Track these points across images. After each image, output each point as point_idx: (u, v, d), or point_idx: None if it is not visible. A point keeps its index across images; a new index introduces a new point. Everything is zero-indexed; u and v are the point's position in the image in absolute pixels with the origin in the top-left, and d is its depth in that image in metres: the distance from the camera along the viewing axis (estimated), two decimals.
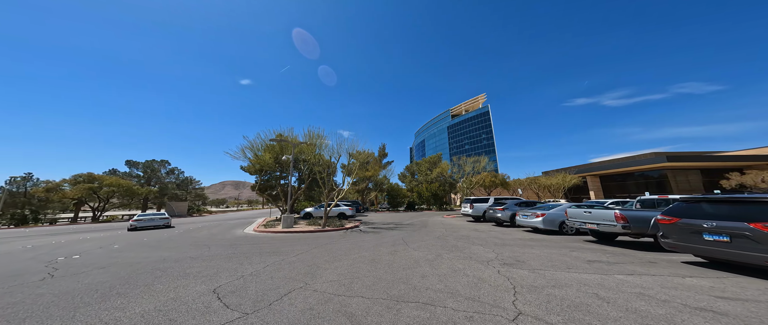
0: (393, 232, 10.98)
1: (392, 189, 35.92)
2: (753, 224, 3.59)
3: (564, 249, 6.18)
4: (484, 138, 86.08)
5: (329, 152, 14.39)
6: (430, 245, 7.46)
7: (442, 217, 19.84)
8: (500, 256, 5.59)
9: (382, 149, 39.18)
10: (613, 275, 3.85)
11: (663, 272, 4.02)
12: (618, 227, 6.24)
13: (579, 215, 7.47)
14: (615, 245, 6.81)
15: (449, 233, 10.02)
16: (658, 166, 28.74)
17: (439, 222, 15.30)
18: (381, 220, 18.41)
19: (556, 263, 4.74)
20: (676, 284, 3.43)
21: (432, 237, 9.17)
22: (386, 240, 8.59)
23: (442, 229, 11.67)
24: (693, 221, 4.31)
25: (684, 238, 4.41)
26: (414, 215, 22.94)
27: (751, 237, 3.58)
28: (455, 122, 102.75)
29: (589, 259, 5.01)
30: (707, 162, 28.77)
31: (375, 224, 14.96)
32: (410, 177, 40.80)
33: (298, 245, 7.72)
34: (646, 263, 4.73)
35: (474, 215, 15.26)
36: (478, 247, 6.85)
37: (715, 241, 3.96)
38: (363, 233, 10.74)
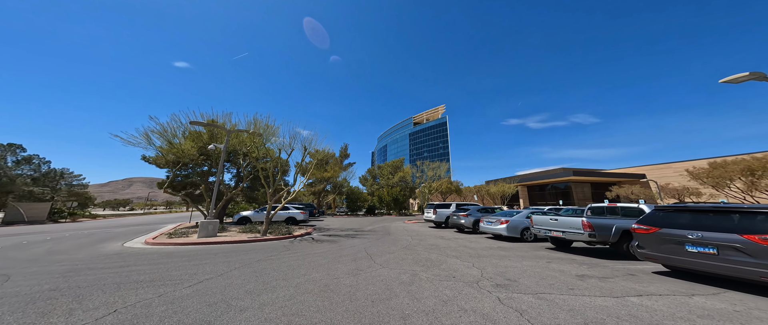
0: (353, 241, 9.24)
1: (352, 192, 33.81)
2: (746, 235, 3.41)
3: (539, 260, 5.69)
4: (441, 147, 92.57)
5: (280, 146, 11.67)
6: (400, 258, 6.08)
7: (403, 222, 19.02)
8: (485, 272, 4.61)
9: (344, 150, 36.81)
10: (625, 298, 3.17)
11: (662, 291, 3.58)
12: (585, 235, 6.15)
13: (545, 222, 7.35)
14: (575, 252, 6.77)
15: (416, 242, 8.91)
16: (566, 179, 35.22)
17: (402, 228, 14.27)
18: (339, 225, 16.31)
19: (552, 281, 3.97)
20: (698, 308, 2.89)
21: (399, 247, 7.84)
22: (346, 252, 6.84)
23: (408, 236, 10.55)
24: (675, 231, 4.11)
25: (663, 249, 4.20)
26: (375, 220, 21.55)
27: (743, 250, 3.39)
28: (417, 130, 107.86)
29: (576, 273, 4.46)
30: (595, 177, 36.76)
31: (332, 231, 12.86)
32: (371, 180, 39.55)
33: (212, 265, 5.26)
34: (628, 276, 4.41)
35: (436, 221, 14.81)
36: (455, 260, 5.83)
37: (700, 253, 3.76)
38: (316, 243, 8.65)
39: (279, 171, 11.06)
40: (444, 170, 32.52)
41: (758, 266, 3.20)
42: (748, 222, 3.57)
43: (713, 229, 3.79)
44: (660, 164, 35.05)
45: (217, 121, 12.40)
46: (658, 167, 34.98)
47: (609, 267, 4.95)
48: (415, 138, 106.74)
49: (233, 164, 15.36)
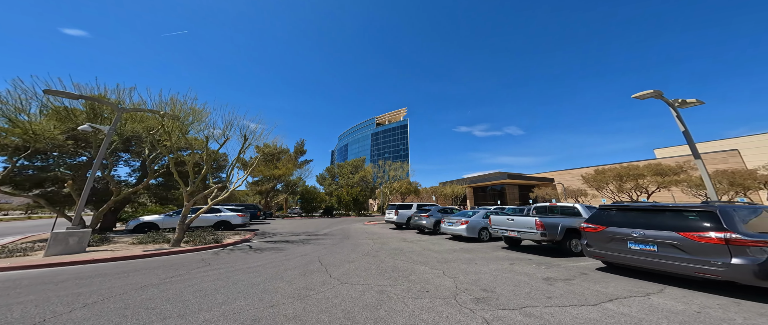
0: (305, 248, 7.77)
1: (308, 192, 30.89)
2: (683, 233, 3.69)
3: (502, 262, 5.61)
4: (401, 148, 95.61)
5: (209, 135, 9.07)
6: (363, 269, 5.11)
7: (363, 224, 18.04)
8: (459, 283, 4.10)
9: (300, 146, 33.41)
10: (602, 306, 3.04)
11: (622, 292, 3.66)
12: (537, 234, 6.45)
13: (502, 222, 7.56)
14: (526, 251, 7.08)
15: (379, 246, 8.08)
16: (501, 181, 40.75)
17: (363, 231, 13.29)
18: (290, 228, 14.17)
19: (528, 290, 3.70)
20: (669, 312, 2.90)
21: (360, 253, 6.85)
22: (293, 264, 5.46)
23: (369, 240, 9.63)
24: (620, 229, 4.33)
25: (609, 247, 4.41)
26: (333, 222, 19.89)
27: (679, 246, 3.66)
28: (379, 131, 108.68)
29: (541, 276, 4.39)
30: (522, 180, 43.88)
31: (279, 236, 10.87)
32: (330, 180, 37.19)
33: (36, 303, 3.15)
34: (582, 275, 4.56)
35: (398, 222, 14.39)
36: (423, 267, 5.22)
37: (641, 250, 4.02)
38: (253, 253, 6.85)
39: (205, 165, 8.52)
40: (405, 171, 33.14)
41: (693, 262, 3.48)
42: (683, 220, 3.82)
43: (653, 227, 3.99)
44: (563, 170, 44.05)
45: (106, 97, 8.83)
46: (562, 172, 43.88)
47: (562, 266, 5.12)
48: (377, 139, 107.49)
49: (135, 155, 11.43)
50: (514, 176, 41.48)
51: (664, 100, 7.39)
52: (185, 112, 8.97)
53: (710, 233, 3.42)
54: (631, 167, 25.72)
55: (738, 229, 3.29)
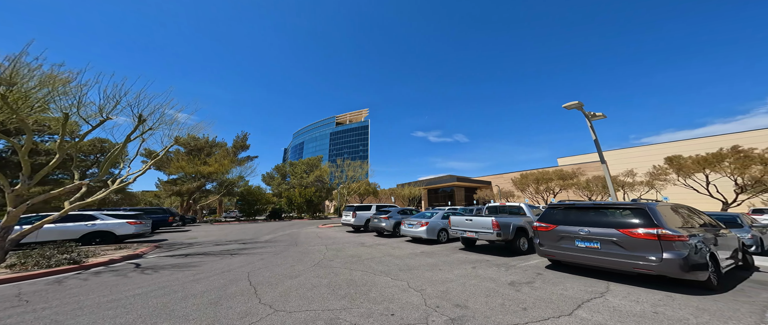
0: (231, 261, 5.93)
1: (250, 193, 26.45)
2: (622, 230, 3.83)
3: (464, 265, 5.32)
4: (361, 149, 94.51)
5: (73, 109, 6.11)
6: (310, 286, 3.94)
7: (317, 227, 16.18)
8: (427, 297, 3.44)
9: (242, 140, 28.35)
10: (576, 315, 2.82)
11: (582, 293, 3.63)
12: (493, 235, 6.50)
13: (461, 223, 7.49)
14: (481, 251, 7.13)
15: (333, 254, 6.89)
16: (451, 184, 44.93)
17: (315, 235, 11.68)
18: (218, 236, 11.30)
19: (500, 300, 3.32)
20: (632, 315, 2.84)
21: (309, 264, 5.56)
22: (201, 287, 3.89)
23: (322, 246, 8.28)
24: (569, 228, 4.39)
25: (559, 245, 4.50)
26: (279, 227, 17.21)
27: (619, 243, 3.79)
28: (339, 130, 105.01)
29: (506, 280, 4.16)
30: (468, 183, 49.18)
31: (196, 247, 8.32)
32: (279, 179, 33.09)
33: None
34: (538, 275, 4.54)
35: (356, 225, 13.31)
36: (385, 278, 4.41)
37: (587, 247, 4.14)
38: (137, 276, 4.73)
39: (58, 154, 5.65)
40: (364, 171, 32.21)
41: (631, 258, 3.69)
42: (622, 217, 3.98)
43: (596, 225, 4.10)
44: (498, 174, 51.49)
45: None
46: (497, 176, 51.03)
47: (518, 266, 5.10)
48: (337, 138, 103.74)
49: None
50: (461, 179, 45.92)
51: (583, 111, 8.83)
52: (32, 78, 5.72)
53: (644, 230, 3.69)
54: (544, 172, 31.76)
55: (665, 225, 3.67)
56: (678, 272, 3.37)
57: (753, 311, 2.74)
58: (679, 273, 3.37)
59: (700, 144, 27.06)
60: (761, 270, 4.64)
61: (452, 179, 44.38)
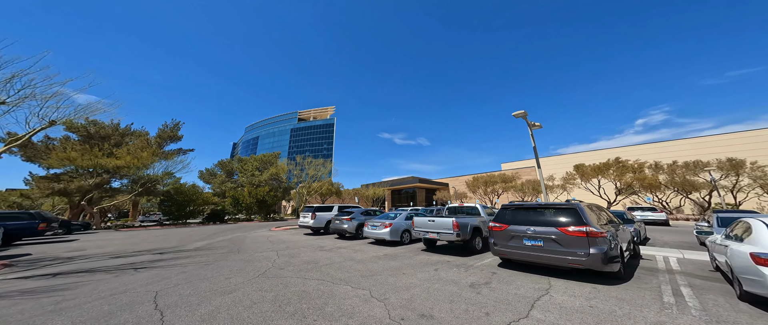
0: (129, 279, 4.54)
1: (180, 191, 21.87)
2: (560, 228, 4.16)
3: (427, 268, 5.25)
4: (325, 148, 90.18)
5: None
6: (248, 303, 3.19)
7: (269, 230, 14.34)
8: (392, 308, 3.13)
9: (171, 130, 22.94)
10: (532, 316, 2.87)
11: (531, 291, 3.84)
12: (453, 235, 6.68)
13: (424, 224, 7.51)
14: (441, 251, 7.27)
15: (286, 261, 5.99)
16: (413, 185, 47.00)
17: (265, 239, 10.22)
18: (118, 247, 8.76)
19: (464, 306, 3.24)
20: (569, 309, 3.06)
21: (251, 275, 4.63)
22: (60, 321, 2.58)
23: (272, 252, 7.19)
24: (518, 227, 4.64)
25: (510, 244, 4.76)
26: (219, 230, 14.61)
27: (557, 240, 4.17)
28: (302, 126, 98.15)
29: (466, 283, 4.18)
30: (428, 184, 52.30)
31: (74, 262, 6.24)
32: (224, 177, 28.62)
33: None
34: (493, 275, 4.73)
35: (315, 227, 12.25)
36: (344, 287, 3.92)
37: (532, 246, 4.47)
38: None
39: None
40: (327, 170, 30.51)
41: (567, 254, 4.10)
42: (560, 216, 4.36)
43: (540, 224, 4.44)
44: (454, 176, 56.31)
45: None
46: (453, 178, 55.65)
47: (475, 266, 5.27)
48: (299, 135, 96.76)
49: None
50: (423, 181, 48.38)
51: (526, 121, 10.14)
52: None
53: (575, 227, 4.17)
54: (491, 175, 36.13)
55: (591, 223, 4.24)
56: (600, 265, 3.89)
57: (654, 297, 3.32)
58: (600, 266, 3.90)
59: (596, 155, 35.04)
60: (644, 258, 5.93)
61: (415, 180, 46.36)
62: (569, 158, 41.71)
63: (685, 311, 2.84)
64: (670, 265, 5.14)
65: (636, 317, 2.67)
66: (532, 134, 10.48)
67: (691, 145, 32.04)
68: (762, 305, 2.94)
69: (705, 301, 3.14)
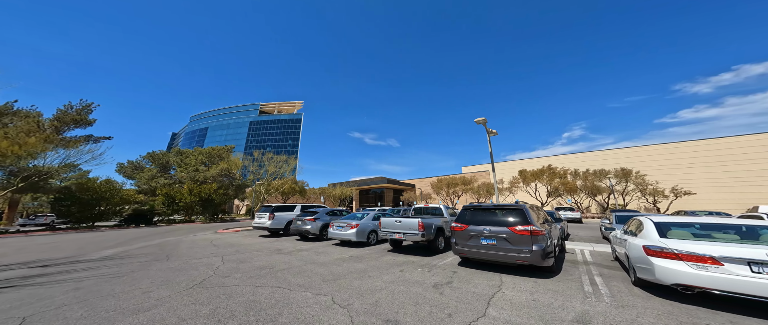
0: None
1: (84, 187, 17.34)
2: (510, 227, 4.55)
3: (393, 269, 5.21)
4: (290, 144, 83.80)
5: None
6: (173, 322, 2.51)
7: (215, 233, 12.45)
8: (355, 314, 2.95)
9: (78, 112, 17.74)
10: (487, 314, 3.02)
11: (485, 289, 4.09)
12: (419, 235, 6.85)
13: (391, 224, 7.50)
14: (406, 252, 7.35)
15: (232, 267, 5.21)
16: (382, 185, 47.76)
17: (208, 243, 8.81)
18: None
19: (428, 308, 3.25)
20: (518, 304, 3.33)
21: (183, 286, 3.92)
22: None
23: (215, 258, 6.21)
24: (477, 227, 4.93)
25: (469, 243, 5.05)
26: (143, 234, 12.04)
27: (507, 239, 4.54)
28: (263, 120, 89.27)
29: (430, 283, 4.26)
30: (396, 185, 53.66)
31: None
32: (155, 171, 24.01)
33: None
34: (453, 274, 4.91)
35: (273, 228, 11.14)
36: (304, 295, 3.56)
37: (488, 244, 4.82)
38: None
39: None
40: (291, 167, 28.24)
41: (515, 251, 4.52)
42: (509, 217, 4.79)
43: (495, 224, 4.78)
44: (421, 178, 59.09)
45: None
46: (420, 180, 58.16)
47: (438, 266, 5.43)
48: (260, 128, 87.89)
49: None
50: (391, 181, 49.27)
51: (485, 127, 11.17)
52: None
53: (522, 227, 4.66)
54: (453, 178, 39.11)
55: (534, 222, 4.80)
56: (539, 261, 4.42)
57: (578, 288, 3.91)
58: (540, 261, 4.43)
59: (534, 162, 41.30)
60: (567, 252, 7.08)
61: (383, 181, 46.85)
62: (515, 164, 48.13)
63: (600, 299, 3.39)
64: (585, 257, 6.22)
65: (568, 308, 3.06)
66: (489, 140, 11.58)
67: (598, 157, 40.49)
68: (651, 290, 3.70)
69: (612, 288, 3.84)
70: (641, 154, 37.50)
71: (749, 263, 2.89)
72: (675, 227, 3.99)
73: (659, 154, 36.17)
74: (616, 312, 2.91)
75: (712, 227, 3.94)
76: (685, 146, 34.95)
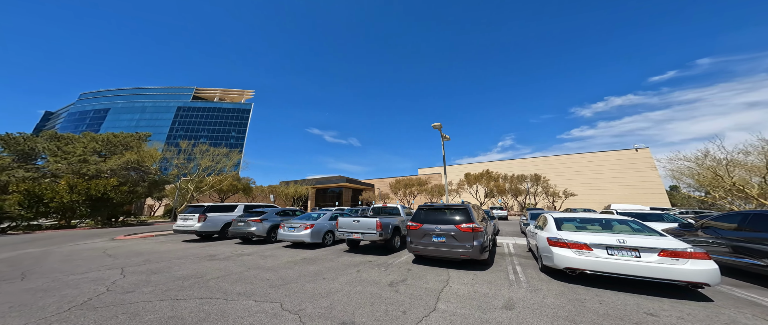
0: None
1: None
2: (457, 225, 4.98)
3: (350, 270, 5.10)
4: (233, 136, 72.12)
5: None
6: None
7: (111, 239, 9.63)
8: (308, 320, 2.77)
9: None
10: (438, 309, 3.26)
11: (435, 284, 4.38)
12: (376, 235, 6.91)
13: (349, 224, 7.36)
14: (362, 251, 7.32)
15: (141, 279, 4.17)
16: (340, 184, 46.51)
17: (100, 253, 6.80)
18: None
19: (384, 308, 3.28)
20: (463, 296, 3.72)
21: (48, 311, 2.86)
22: None
23: (111, 271, 4.86)
24: (430, 225, 5.26)
25: (423, 241, 5.38)
26: None
27: (454, 236, 4.97)
28: (198, 106, 74.33)
29: (386, 281, 4.35)
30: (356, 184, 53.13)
31: None
32: (11, 160, 17.10)
33: None
34: (408, 271, 5.15)
35: (204, 231, 9.36)
36: (245, 304, 3.17)
37: (438, 242, 5.23)
38: None
39: None
40: (232, 162, 24.29)
41: (461, 247, 5.00)
42: (456, 215, 5.26)
43: (444, 222, 5.17)
44: (380, 178, 60.24)
45: None
46: (379, 180, 59.15)
47: (394, 265, 5.58)
48: (191, 116, 73.02)
49: None
50: (350, 181, 48.45)
51: (440, 132, 12.23)
52: None
53: (466, 224, 5.22)
54: (410, 179, 41.40)
55: (475, 220, 5.47)
56: (478, 255, 5.06)
57: (505, 277, 4.66)
58: (478, 256, 5.07)
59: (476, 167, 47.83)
60: (498, 245, 8.40)
61: (342, 179, 45.61)
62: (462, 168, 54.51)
63: (520, 285, 4.13)
64: (510, 249, 7.52)
65: (498, 296, 3.60)
66: (442, 145, 12.72)
67: (520, 164, 49.90)
68: (551, 274, 4.65)
69: (528, 275, 4.73)
70: (547, 163, 48.09)
71: (607, 248, 4.01)
72: (566, 222, 5.19)
73: (557, 164, 47.12)
74: (530, 296, 3.58)
75: (586, 221, 5.29)
76: (572, 158, 46.66)
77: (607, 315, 2.86)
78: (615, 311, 2.98)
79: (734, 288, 3.92)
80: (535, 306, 3.17)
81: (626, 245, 3.83)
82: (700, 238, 5.19)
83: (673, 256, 3.52)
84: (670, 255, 3.55)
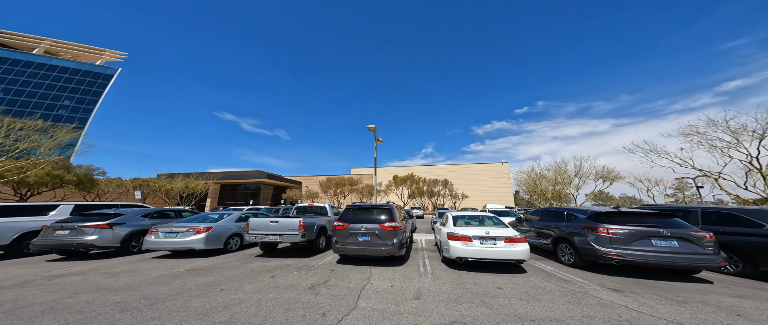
0: None
1: None
2: (380, 224, 5.23)
3: (262, 276, 4.36)
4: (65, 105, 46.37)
5: None
6: None
7: None
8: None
9: None
10: (358, 307, 3.30)
11: (357, 282, 4.38)
12: (299, 236, 6.25)
13: (264, 226, 6.32)
14: (280, 254, 6.57)
15: None
16: (259, 181, 39.72)
17: None
18: None
19: (301, 312, 2.97)
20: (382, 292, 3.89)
21: None
22: None
23: None
24: (356, 225, 5.34)
25: (348, 241, 5.37)
26: None
27: (378, 234, 5.21)
28: (12, 57, 42.89)
29: (307, 285, 3.99)
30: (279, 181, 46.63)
31: None
32: None
33: None
34: (331, 272, 4.97)
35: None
36: None
37: (364, 241, 5.34)
38: None
39: None
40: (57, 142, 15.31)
41: (383, 245, 5.19)
42: (381, 215, 5.53)
43: (370, 222, 5.37)
44: (309, 175, 55.63)
45: None
46: (308, 177, 54.76)
47: (317, 266, 5.26)
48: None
49: None
50: (272, 177, 41.94)
51: (374, 134, 12.69)
52: None
53: (389, 223, 5.59)
54: (341, 178, 40.62)
55: (397, 219, 5.96)
56: (397, 252, 5.53)
57: (418, 270, 5.24)
58: (397, 252, 5.53)
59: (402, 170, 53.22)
60: (414, 241, 9.59)
61: (262, 175, 38.77)
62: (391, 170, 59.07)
63: (427, 275, 4.83)
64: (422, 245, 8.74)
65: (411, 288, 4.06)
66: (375, 147, 13.26)
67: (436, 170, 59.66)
68: (448, 264, 5.28)
69: (433, 267, 5.56)
70: (454, 170, 59.94)
71: (480, 238, 5.33)
72: (459, 219, 6.58)
73: (459, 171, 59.61)
74: (433, 285, 4.24)
75: (471, 218, 6.84)
76: (468, 167, 60.47)
77: (478, 293, 3.79)
78: (483, 288, 4.01)
79: (535, 261, 6.12)
80: (435, 293, 3.78)
81: (490, 235, 5.20)
82: (524, 228, 7.92)
83: (512, 241, 5.10)
84: (510, 241, 5.06)
